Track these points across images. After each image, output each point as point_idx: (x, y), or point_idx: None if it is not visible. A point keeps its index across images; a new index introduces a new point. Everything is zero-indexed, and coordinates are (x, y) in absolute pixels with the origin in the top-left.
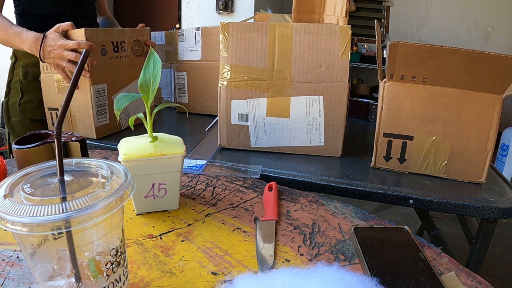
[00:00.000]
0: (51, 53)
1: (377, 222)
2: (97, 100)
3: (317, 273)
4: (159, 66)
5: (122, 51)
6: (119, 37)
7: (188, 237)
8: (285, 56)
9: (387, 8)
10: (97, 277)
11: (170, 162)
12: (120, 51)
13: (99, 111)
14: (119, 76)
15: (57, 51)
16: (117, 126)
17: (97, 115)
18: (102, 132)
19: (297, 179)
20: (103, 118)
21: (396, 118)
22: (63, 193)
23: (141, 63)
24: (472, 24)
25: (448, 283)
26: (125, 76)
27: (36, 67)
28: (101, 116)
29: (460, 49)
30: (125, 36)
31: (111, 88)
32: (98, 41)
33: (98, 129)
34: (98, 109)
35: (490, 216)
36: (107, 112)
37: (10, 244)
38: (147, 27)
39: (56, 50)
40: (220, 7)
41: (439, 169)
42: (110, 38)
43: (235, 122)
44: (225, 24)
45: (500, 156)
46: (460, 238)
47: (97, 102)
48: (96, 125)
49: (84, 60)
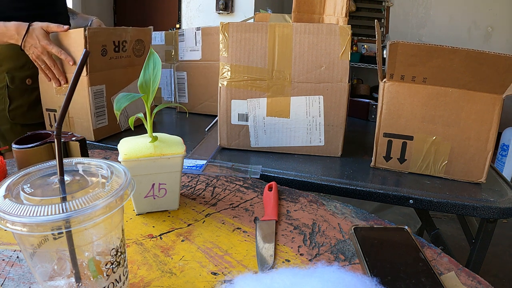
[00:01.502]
0: (30, 49)
1: (377, 222)
2: (95, 102)
3: (317, 273)
4: (159, 66)
5: (123, 51)
6: (121, 36)
7: (188, 237)
8: (285, 56)
9: (387, 8)
10: (97, 277)
11: (170, 162)
12: (121, 51)
13: (97, 112)
14: (118, 76)
15: (38, 49)
16: (116, 127)
17: (96, 117)
18: (101, 134)
19: (297, 179)
20: (102, 120)
21: (396, 118)
22: (63, 193)
23: (141, 63)
24: (472, 24)
25: (448, 283)
26: (124, 76)
27: (22, 71)
28: (100, 118)
29: (460, 49)
30: (128, 35)
31: (110, 89)
32: (100, 41)
33: (96, 131)
34: (97, 110)
35: (490, 216)
36: (105, 114)
37: (10, 244)
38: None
39: (37, 49)
40: (220, 7)
41: (439, 169)
42: (112, 38)
43: (235, 122)
44: (225, 24)
45: (500, 156)
46: (460, 238)
47: (95, 104)
48: (95, 127)
49: (84, 61)
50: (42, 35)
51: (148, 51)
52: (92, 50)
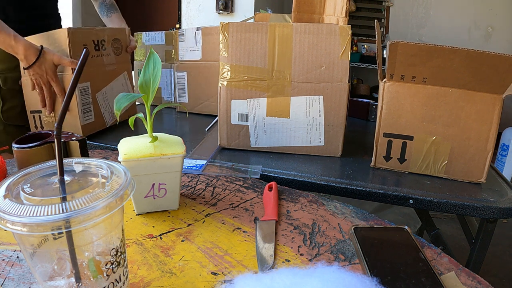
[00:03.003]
0: (34, 76)
1: (377, 222)
2: (81, 99)
3: (317, 273)
4: (159, 66)
5: (103, 49)
6: (99, 36)
7: (188, 237)
8: (285, 56)
9: (387, 8)
10: (97, 277)
11: (170, 162)
12: (101, 50)
13: (84, 109)
14: (101, 74)
15: (42, 79)
16: (103, 124)
17: (83, 113)
18: (88, 130)
19: (297, 179)
20: (89, 116)
21: (396, 118)
22: (63, 193)
23: (122, 61)
24: (472, 24)
25: (448, 283)
26: (107, 74)
27: (15, 72)
28: (86, 114)
29: (460, 49)
30: (105, 34)
31: (94, 87)
32: (79, 40)
33: (84, 127)
34: (83, 107)
35: (490, 216)
36: (92, 110)
37: (10, 244)
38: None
39: (41, 79)
40: (220, 7)
41: (439, 169)
42: (91, 37)
43: (235, 122)
44: (225, 24)
45: (500, 156)
46: (460, 238)
47: (82, 101)
48: (82, 124)
49: (84, 61)
50: (51, 69)
51: (124, 49)
52: (74, 49)
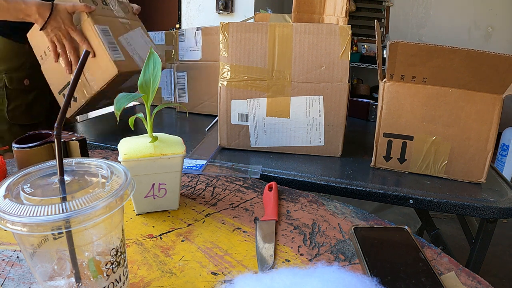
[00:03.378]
0: (53, 31)
1: (377, 222)
2: (105, 38)
3: (317, 273)
4: (159, 66)
5: (111, 5)
6: None
7: (188, 237)
8: (285, 56)
9: (387, 8)
10: (97, 277)
11: (170, 162)
12: (108, 4)
13: (111, 47)
14: (117, 23)
15: (61, 32)
16: (135, 65)
17: (111, 51)
18: (123, 67)
19: (297, 179)
20: (117, 54)
21: (396, 118)
22: (63, 193)
23: (132, 18)
24: (472, 24)
25: (448, 283)
26: (122, 25)
27: (19, 71)
28: (115, 52)
29: (460, 49)
30: None
31: (114, 31)
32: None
33: (117, 64)
34: (110, 45)
35: (490, 216)
36: (119, 50)
37: (10, 244)
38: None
39: (61, 32)
40: (220, 7)
41: (439, 169)
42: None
43: (235, 122)
44: (225, 24)
45: (500, 156)
46: (460, 238)
47: (106, 40)
48: (114, 59)
49: (84, 61)
50: (68, 18)
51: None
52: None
